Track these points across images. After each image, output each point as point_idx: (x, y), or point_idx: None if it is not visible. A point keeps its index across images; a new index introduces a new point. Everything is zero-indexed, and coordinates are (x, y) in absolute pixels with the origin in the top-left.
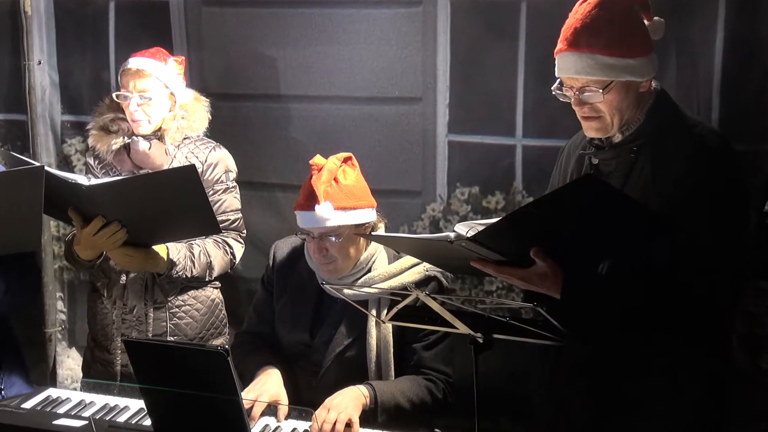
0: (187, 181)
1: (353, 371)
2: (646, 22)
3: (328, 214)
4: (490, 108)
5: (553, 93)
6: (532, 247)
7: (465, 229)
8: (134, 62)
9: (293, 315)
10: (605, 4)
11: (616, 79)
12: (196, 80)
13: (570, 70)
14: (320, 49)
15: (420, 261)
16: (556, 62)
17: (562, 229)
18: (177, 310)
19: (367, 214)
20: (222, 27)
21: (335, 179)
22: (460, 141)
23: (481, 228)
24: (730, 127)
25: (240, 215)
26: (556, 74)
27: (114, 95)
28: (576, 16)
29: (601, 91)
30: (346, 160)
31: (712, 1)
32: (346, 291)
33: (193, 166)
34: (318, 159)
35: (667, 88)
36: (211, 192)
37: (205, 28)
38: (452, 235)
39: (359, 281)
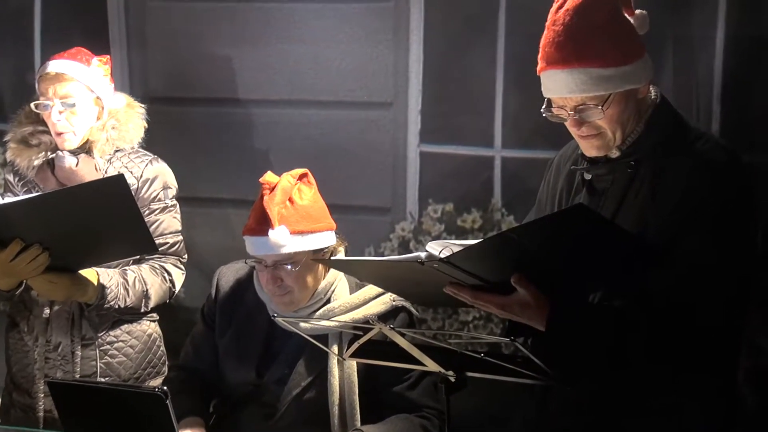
0: (115, 194)
1: (314, 415)
2: (628, 17)
3: (283, 239)
4: (466, 114)
5: (543, 115)
6: (513, 273)
7: (438, 248)
8: (53, 66)
9: (239, 352)
10: (586, 7)
11: (614, 90)
12: (138, 83)
13: (562, 90)
14: (281, 48)
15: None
16: (541, 81)
17: (547, 258)
18: (108, 347)
19: (326, 238)
20: (169, 22)
21: (290, 200)
22: (433, 152)
23: (456, 249)
24: (733, 135)
25: (180, 237)
26: (544, 94)
27: (32, 105)
28: (555, 27)
29: (600, 107)
30: (301, 178)
31: None
32: (302, 325)
33: (121, 176)
34: (269, 176)
35: (664, 91)
36: (147, 211)
37: (149, 24)
38: (423, 255)
39: (317, 313)
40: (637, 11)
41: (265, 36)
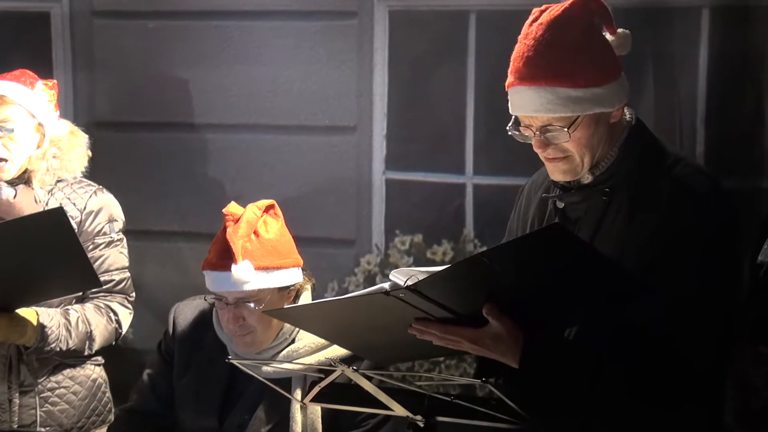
0: (55, 228)
1: None
2: (609, 36)
3: (247, 275)
4: (435, 139)
5: (509, 133)
6: (484, 303)
7: (403, 277)
8: None
9: (198, 396)
10: (560, 23)
11: (583, 113)
12: (84, 107)
13: (527, 107)
14: (238, 69)
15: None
16: (509, 97)
17: (521, 284)
18: (49, 394)
19: (293, 275)
20: (118, 42)
21: (255, 233)
22: (400, 179)
23: (423, 276)
24: (718, 160)
25: (127, 274)
26: (511, 111)
27: None
28: (526, 41)
29: (566, 129)
30: (267, 209)
31: (693, 12)
32: (264, 368)
33: (60, 208)
34: (233, 207)
35: (643, 115)
36: (90, 246)
37: (97, 44)
38: (387, 286)
39: (281, 355)
40: (620, 30)
41: (221, 56)
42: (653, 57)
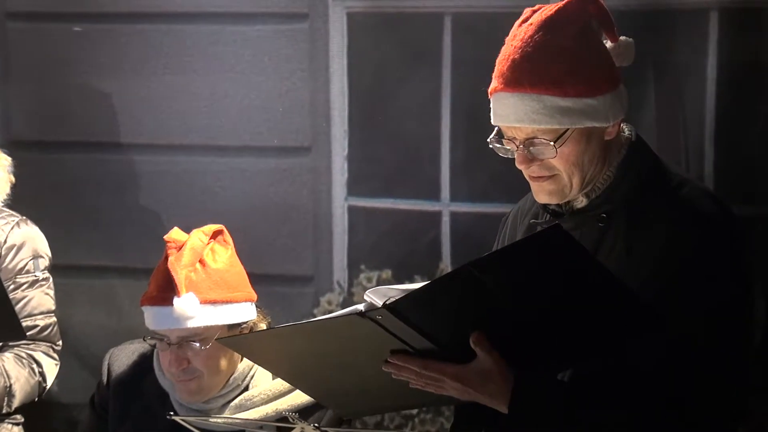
0: None
1: None
2: (608, 44)
3: (191, 310)
4: (404, 160)
5: (490, 146)
6: (472, 332)
7: (380, 298)
8: None
9: None
10: (552, 25)
11: (572, 126)
12: None
13: (509, 116)
14: (172, 81)
15: None
16: (491, 105)
17: (514, 307)
18: None
19: (244, 311)
20: (36, 50)
21: (201, 262)
22: (364, 206)
23: (401, 294)
24: (729, 184)
25: (53, 319)
26: (492, 121)
27: None
28: (514, 42)
29: (552, 143)
30: (215, 236)
31: (700, 15)
32: (213, 419)
33: None
34: (176, 233)
35: (643, 133)
36: (12, 286)
37: (12, 52)
38: (361, 306)
39: (232, 404)
40: (621, 38)
41: (151, 65)
42: (654, 66)
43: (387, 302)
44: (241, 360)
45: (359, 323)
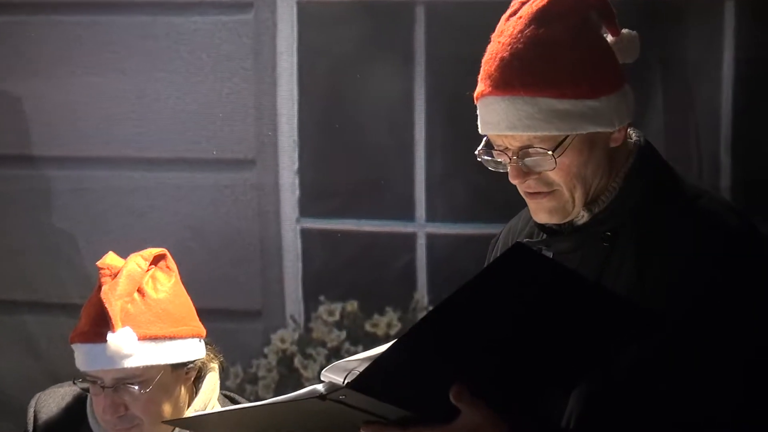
0: None
1: None
2: (609, 38)
3: (128, 347)
4: (369, 174)
5: (479, 159)
6: (450, 387)
7: (340, 374)
8: None
9: None
10: (545, 17)
11: (572, 132)
12: None
13: (500, 124)
14: (90, 82)
15: None
16: (478, 112)
17: (492, 347)
18: None
19: (192, 348)
20: None
21: (140, 291)
22: (322, 229)
23: (363, 365)
24: (747, 197)
25: None
26: (480, 130)
27: None
28: (502, 39)
29: (551, 152)
30: (157, 261)
31: (714, 6)
32: None
33: None
34: (111, 259)
35: (650, 139)
36: None
37: None
38: (321, 387)
39: None
40: (624, 31)
41: (67, 64)
42: (661, 63)
43: (347, 381)
44: (188, 405)
45: (320, 405)
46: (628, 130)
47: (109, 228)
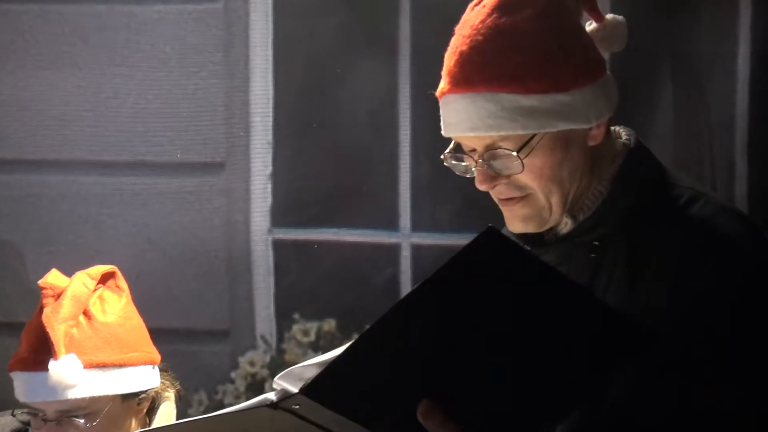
0: None
1: None
2: (592, 25)
3: (72, 376)
4: (350, 180)
5: (445, 163)
6: (419, 401)
7: (293, 382)
8: None
9: None
10: (509, 5)
11: (540, 131)
12: None
13: (461, 124)
14: (42, 78)
15: None
16: (440, 112)
17: (461, 354)
18: None
19: (144, 377)
20: None
21: (86, 314)
22: (296, 240)
23: (318, 369)
24: (765, 203)
25: None
26: (443, 132)
27: None
28: (463, 31)
29: (515, 153)
30: (105, 280)
31: None
32: None
33: None
34: (54, 277)
35: (659, 142)
36: None
37: None
38: (273, 395)
39: None
40: (609, 17)
41: (15, 57)
42: (671, 58)
43: (303, 387)
44: None
45: (272, 416)
46: (618, 129)
47: (59, 239)
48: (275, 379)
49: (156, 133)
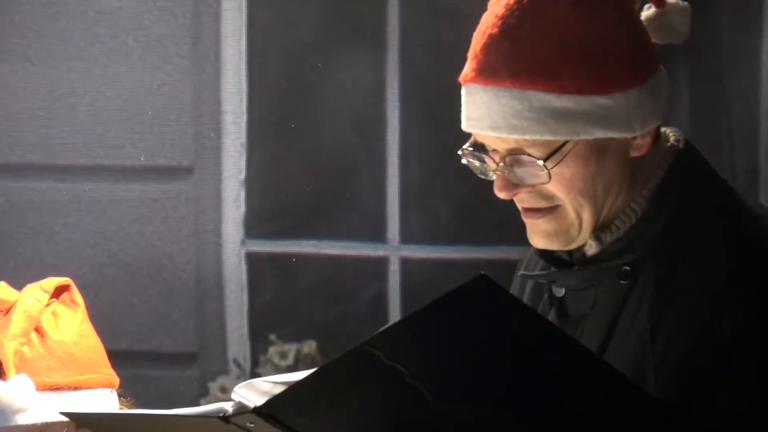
0: None
1: None
2: (650, 11)
3: (23, 399)
4: (332, 186)
5: (463, 160)
6: None
7: (254, 396)
8: None
9: None
10: None
11: (573, 137)
12: None
13: (481, 120)
14: None
15: None
16: (462, 101)
17: (441, 401)
18: None
19: (101, 401)
20: None
21: (39, 331)
22: (273, 252)
23: (282, 386)
24: None
25: None
26: (463, 126)
27: None
28: (496, 9)
29: (541, 162)
30: (59, 293)
31: None
32: None
33: None
34: (2, 291)
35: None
36: None
37: None
38: (229, 406)
39: None
40: (672, 0)
41: None
42: (689, 51)
43: (262, 404)
44: None
45: (225, 430)
46: (666, 130)
47: (8, 252)
48: (235, 388)
49: (117, 134)
